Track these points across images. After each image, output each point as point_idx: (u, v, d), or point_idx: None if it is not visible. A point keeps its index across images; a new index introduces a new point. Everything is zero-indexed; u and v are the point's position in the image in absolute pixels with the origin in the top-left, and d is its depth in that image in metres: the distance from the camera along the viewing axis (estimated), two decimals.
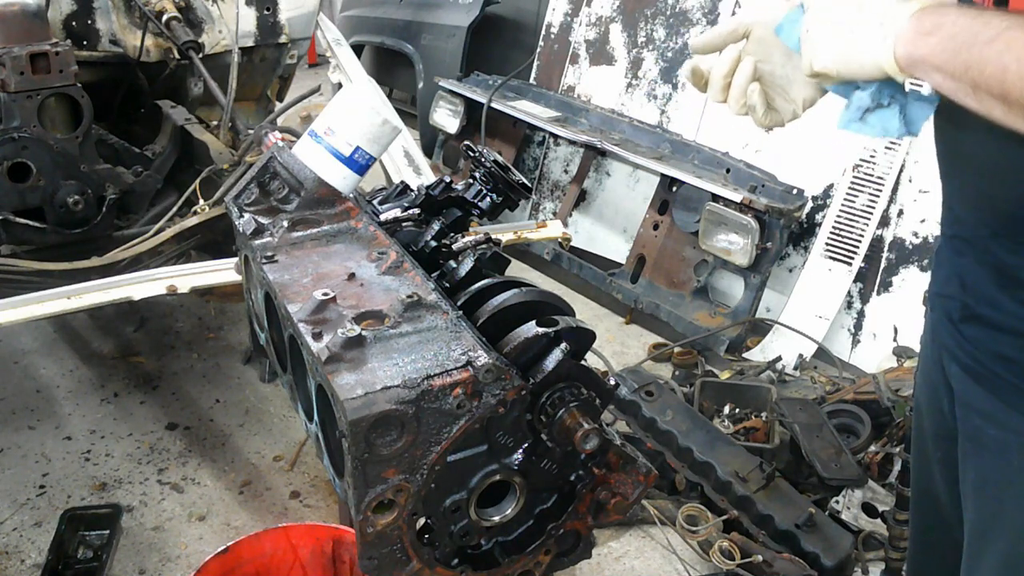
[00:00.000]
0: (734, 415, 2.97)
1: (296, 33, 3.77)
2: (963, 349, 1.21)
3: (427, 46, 5.53)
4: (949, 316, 1.25)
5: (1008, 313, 1.13)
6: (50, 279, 2.65)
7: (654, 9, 4.24)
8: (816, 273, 3.52)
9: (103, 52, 3.24)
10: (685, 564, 2.51)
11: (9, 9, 2.64)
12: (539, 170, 4.79)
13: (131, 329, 3.76)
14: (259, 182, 1.47)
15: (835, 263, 3.47)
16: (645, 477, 1.20)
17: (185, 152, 3.21)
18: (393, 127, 1.45)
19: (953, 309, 1.24)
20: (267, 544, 2.01)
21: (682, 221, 3.82)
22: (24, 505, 2.73)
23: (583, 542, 1.26)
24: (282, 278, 1.26)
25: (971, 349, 1.20)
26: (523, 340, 1.07)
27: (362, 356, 1.03)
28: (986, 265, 1.16)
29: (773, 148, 3.69)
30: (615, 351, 3.76)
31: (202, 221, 2.89)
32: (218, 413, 3.23)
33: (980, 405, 1.18)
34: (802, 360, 3.42)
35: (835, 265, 3.47)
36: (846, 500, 2.57)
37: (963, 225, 1.21)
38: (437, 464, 1.03)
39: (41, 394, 3.32)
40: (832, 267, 3.47)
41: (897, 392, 2.78)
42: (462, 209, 1.46)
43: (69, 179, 2.84)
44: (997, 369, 1.15)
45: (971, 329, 1.20)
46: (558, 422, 1.06)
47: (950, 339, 1.25)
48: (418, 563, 1.10)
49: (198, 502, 2.77)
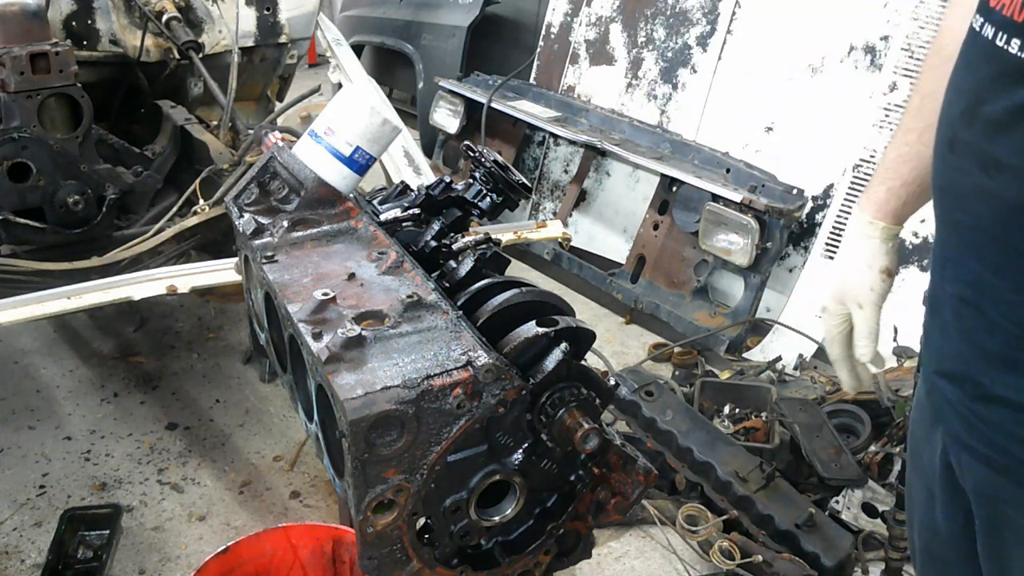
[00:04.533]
0: (734, 415, 2.97)
1: (296, 33, 3.77)
2: (977, 435, 1.08)
3: (427, 46, 5.53)
4: (956, 398, 1.11)
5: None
6: (50, 279, 2.66)
7: (654, 9, 4.24)
8: (816, 273, 3.51)
9: (103, 52, 3.24)
10: (685, 564, 2.51)
11: (9, 9, 2.64)
12: (539, 170, 4.79)
13: (131, 329, 3.75)
14: (259, 182, 1.47)
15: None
16: (645, 477, 1.20)
17: (185, 152, 3.21)
18: (393, 127, 1.45)
19: (961, 389, 1.10)
20: (267, 544, 2.01)
21: (682, 221, 3.82)
22: (24, 505, 2.72)
23: (583, 542, 1.26)
24: (282, 278, 1.26)
25: (988, 434, 1.06)
26: (523, 340, 1.07)
27: (362, 356, 1.03)
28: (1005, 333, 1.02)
29: (773, 148, 3.69)
30: (615, 351, 3.76)
31: (202, 221, 2.89)
32: (218, 413, 3.23)
33: (1006, 495, 1.07)
34: (802, 360, 3.42)
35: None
36: (846, 500, 2.57)
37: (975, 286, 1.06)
38: (437, 464, 1.03)
39: (41, 394, 3.32)
40: (832, 267, 3.47)
41: (897, 392, 2.78)
42: (462, 209, 1.46)
43: (69, 179, 2.84)
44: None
45: (987, 410, 1.06)
46: (558, 422, 1.06)
47: (959, 424, 1.11)
48: (418, 563, 1.10)
49: (198, 502, 2.76)
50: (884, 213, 1.34)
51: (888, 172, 1.33)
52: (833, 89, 3.53)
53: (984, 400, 1.06)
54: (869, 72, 3.43)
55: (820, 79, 3.59)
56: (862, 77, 3.45)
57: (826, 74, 3.57)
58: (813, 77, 3.61)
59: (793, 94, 3.64)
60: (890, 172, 1.33)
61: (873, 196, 1.35)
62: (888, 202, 1.33)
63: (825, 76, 3.57)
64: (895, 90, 3.33)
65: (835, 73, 3.54)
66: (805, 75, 3.63)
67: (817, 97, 3.58)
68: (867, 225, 1.35)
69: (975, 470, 1.10)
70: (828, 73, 3.56)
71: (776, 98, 3.69)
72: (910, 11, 3.30)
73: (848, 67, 3.50)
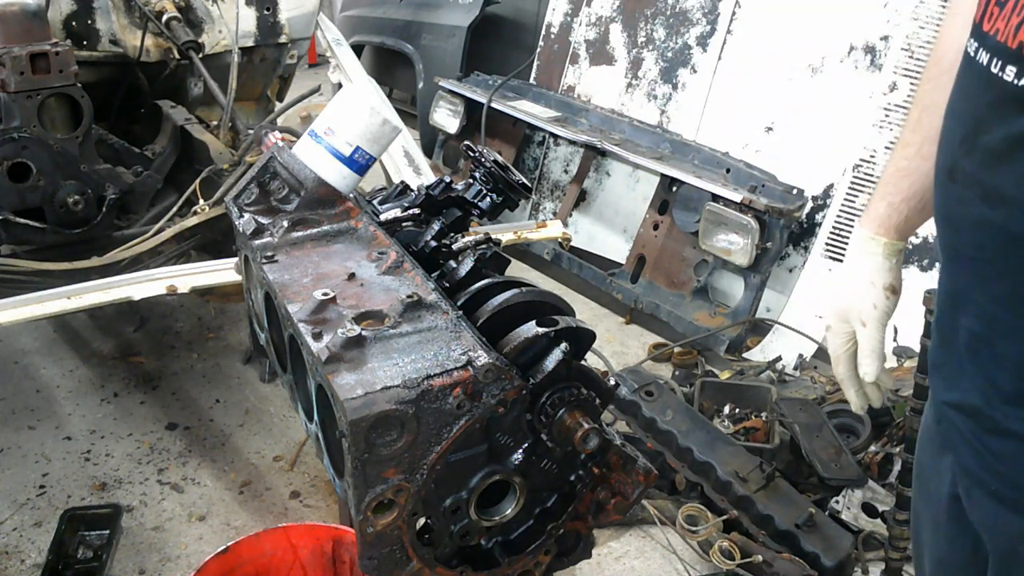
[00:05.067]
0: (734, 415, 2.97)
1: (296, 33, 3.77)
2: (988, 469, 1.05)
3: (427, 46, 5.53)
4: (968, 430, 1.08)
5: None
6: (50, 279, 2.66)
7: (654, 9, 4.24)
8: (816, 273, 3.51)
9: (103, 52, 3.24)
10: (685, 564, 2.51)
11: (9, 9, 2.64)
12: (539, 170, 4.79)
13: (131, 329, 3.75)
14: (259, 182, 1.47)
15: (835, 263, 3.46)
16: (645, 477, 1.20)
17: (185, 152, 3.21)
18: (393, 127, 1.44)
19: (974, 421, 1.07)
20: (267, 544, 2.01)
21: (682, 221, 3.82)
22: (24, 505, 2.72)
23: (583, 542, 1.26)
24: (282, 278, 1.25)
25: (1000, 468, 1.03)
26: (523, 340, 1.07)
27: (362, 356, 1.03)
28: (1017, 368, 1.00)
29: (773, 148, 3.69)
30: (615, 351, 3.76)
31: (202, 221, 2.89)
32: (218, 413, 3.23)
33: (1018, 532, 1.04)
34: (802, 360, 3.42)
35: (835, 265, 3.46)
36: (846, 500, 2.57)
37: (986, 320, 1.03)
38: (437, 464, 1.03)
39: (41, 394, 3.32)
40: (832, 267, 3.47)
41: (897, 392, 2.78)
42: (462, 209, 1.46)
43: (69, 179, 2.84)
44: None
45: (1000, 444, 1.03)
46: (558, 422, 1.06)
47: (971, 457, 1.07)
48: (418, 563, 1.10)
49: (198, 502, 2.76)
50: (886, 229, 1.32)
51: (888, 187, 1.31)
52: (833, 89, 3.53)
53: (997, 434, 1.03)
54: (869, 72, 3.43)
55: (820, 79, 3.59)
56: (862, 77, 3.45)
57: (826, 74, 3.57)
58: (813, 77, 3.61)
59: (793, 94, 3.64)
60: (890, 187, 1.31)
61: (874, 212, 1.33)
62: (890, 217, 1.31)
63: (825, 76, 3.57)
64: (895, 90, 3.33)
65: (835, 73, 3.54)
66: (805, 75, 3.63)
67: (817, 97, 3.58)
68: (869, 241, 1.33)
69: (984, 505, 1.07)
70: (828, 73, 3.56)
71: (776, 98, 3.69)
72: (910, 11, 3.30)
73: (848, 67, 3.50)
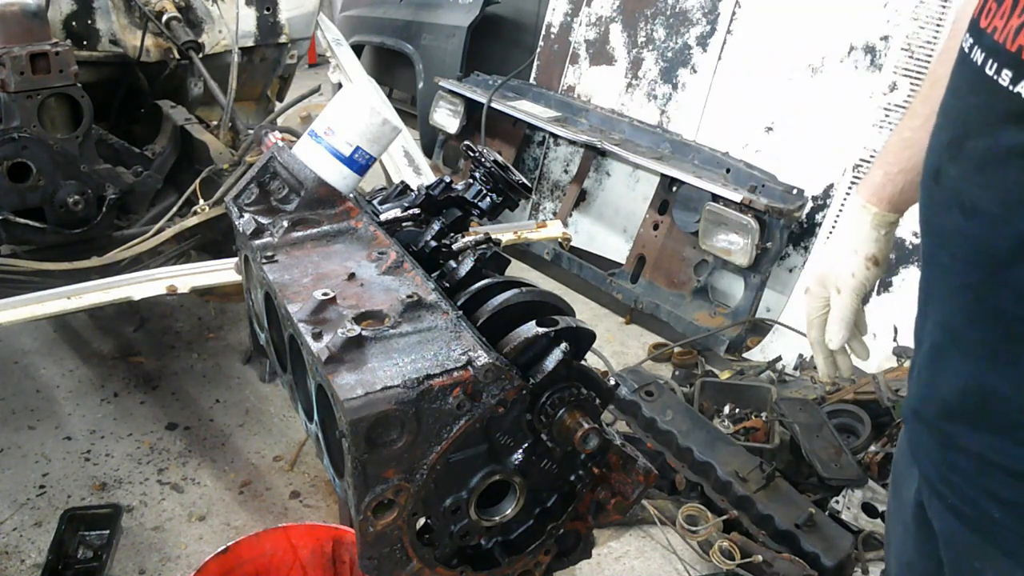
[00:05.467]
0: (734, 415, 2.97)
1: (296, 33, 3.77)
2: (947, 483, 1.03)
3: (427, 46, 5.53)
4: (927, 442, 1.06)
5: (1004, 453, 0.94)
6: (50, 279, 2.66)
7: (654, 9, 4.24)
8: None
9: (103, 52, 3.24)
10: (685, 564, 2.51)
11: (9, 9, 2.64)
12: (539, 170, 4.79)
13: (131, 329, 3.75)
14: (259, 182, 1.47)
15: None
16: (645, 477, 1.20)
17: (185, 152, 3.21)
18: (393, 127, 1.44)
19: (930, 434, 1.05)
20: (267, 544, 2.01)
21: (682, 221, 3.82)
22: (24, 505, 2.72)
23: (583, 542, 1.25)
24: (282, 278, 1.25)
25: (957, 482, 1.01)
26: (523, 340, 1.07)
27: (362, 356, 1.03)
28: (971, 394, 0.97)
29: (773, 148, 3.69)
30: (615, 351, 3.76)
31: (202, 221, 2.89)
32: (218, 413, 3.23)
33: (971, 547, 1.02)
34: (802, 360, 3.42)
35: None
36: (846, 500, 2.57)
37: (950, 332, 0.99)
38: (437, 464, 1.03)
39: (41, 394, 3.32)
40: None
41: (897, 392, 2.78)
42: (462, 209, 1.46)
43: (69, 179, 2.85)
44: (992, 511, 0.96)
45: (956, 459, 1.01)
46: (558, 422, 1.06)
47: (931, 468, 1.06)
48: (418, 563, 1.10)
49: (198, 502, 2.76)
50: (879, 199, 1.29)
51: (888, 157, 1.29)
52: (833, 89, 3.54)
53: (951, 448, 1.01)
54: (869, 72, 3.43)
55: (820, 79, 3.59)
56: (862, 77, 3.45)
57: (826, 74, 3.57)
58: (813, 77, 3.61)
59: (793, 94, 3.65)
60: (890, 157, 1.28)
61: (870, 181, 1.31)
62: (884, 187, 1.28)
63: (825, 76, 3.57)
64: (895, 90, 3.33)
65: (835, 73, 3.54)
66: (805, 75, 3.63)
67: (817, 97, 3.58)
68: (860, 209, 1.31)
69: (943, 517, 1.05)
70: (828, 73, 3.57)
71: (776, 98, 3.69)
72: (910, 11, 3.30)
73: (848, 67, 3.50)
